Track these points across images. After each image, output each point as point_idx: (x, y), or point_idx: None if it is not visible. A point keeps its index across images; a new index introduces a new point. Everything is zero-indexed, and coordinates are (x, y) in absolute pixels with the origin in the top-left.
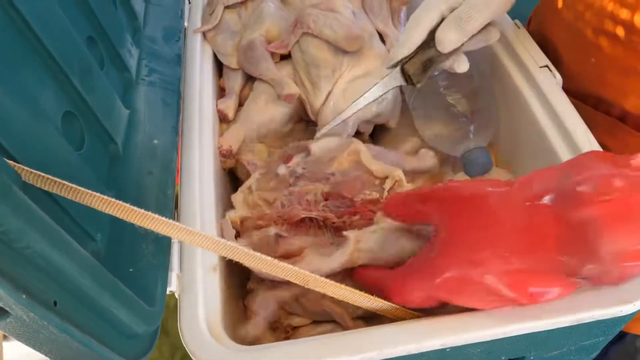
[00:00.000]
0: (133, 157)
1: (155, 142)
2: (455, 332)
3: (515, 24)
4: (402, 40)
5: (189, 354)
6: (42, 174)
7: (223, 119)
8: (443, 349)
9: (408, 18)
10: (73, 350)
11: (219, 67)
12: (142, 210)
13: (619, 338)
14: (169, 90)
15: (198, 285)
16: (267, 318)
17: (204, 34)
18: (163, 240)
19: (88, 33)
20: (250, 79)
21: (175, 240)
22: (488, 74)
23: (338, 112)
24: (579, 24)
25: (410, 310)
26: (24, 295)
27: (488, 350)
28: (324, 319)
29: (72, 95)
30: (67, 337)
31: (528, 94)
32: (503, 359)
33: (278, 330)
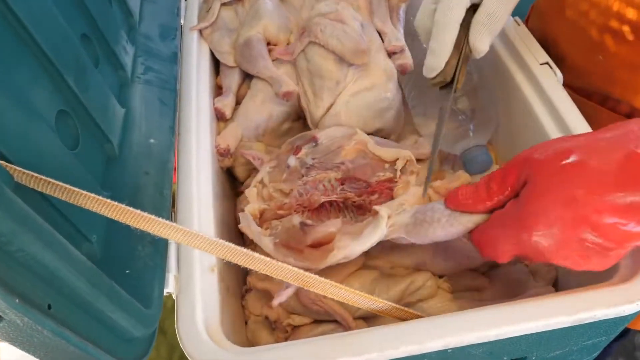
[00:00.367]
0: (129, 156)
1: (152, 141)
2: (458, 332)
3: (515, 21)
4: (434, 49)
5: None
6: (35, 175)
7: (220, 118)
8: (445, 350)
9: (407, 16)
10: (68, 355)
11: (216, 65)
12: (138, 212)
13: (621, 334)
14: (165, 89)
15: (196, 287)
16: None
17: (201, 32)
18: (160, 241)
19: (82, 30)
20: (248, 77)
21: (172, 241)
22: (488, 72)
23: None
24: (583, 22)
25: (411, 311)
26: (17, 300)
27: (490, 351)
28: (325, 319)
29: (66, 94)
30: (62, 341)
31: (528, 92)
32: (505, 359)
33: (277, 330)
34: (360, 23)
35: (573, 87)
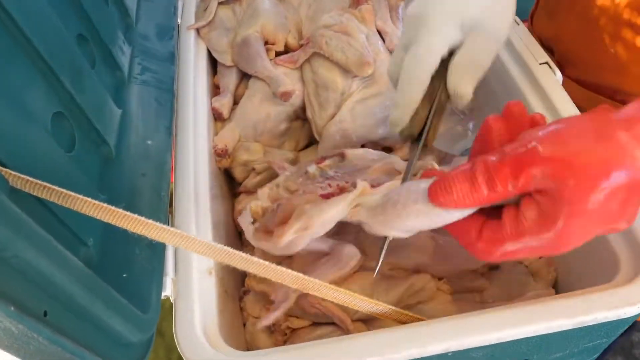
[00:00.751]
0: (126, 158)
1: (149, 142)
2: (459, 336)
3: (514, 21)
4: (398, 102)
5: None
6: (30, 179)
7: (218, 118)
8: (446, 353)
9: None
10: None
11: (214, 64)
12: (135, 216)
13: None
14: (162, 89)
15: (194, 290)
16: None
17: (198, 31)
18: (157, 244)
19: (78, 31)
20: (246, 77)
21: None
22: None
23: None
24: (594, 16)
25: (411, 314)
26: (12, 307)
27: (491, 354)
28: (323, 321)
29: (62, 95)
30: (58, 348)
31: (528, 91)
32: None
33: (276, 333)
34: (365, 34)
35: (581, 81)
